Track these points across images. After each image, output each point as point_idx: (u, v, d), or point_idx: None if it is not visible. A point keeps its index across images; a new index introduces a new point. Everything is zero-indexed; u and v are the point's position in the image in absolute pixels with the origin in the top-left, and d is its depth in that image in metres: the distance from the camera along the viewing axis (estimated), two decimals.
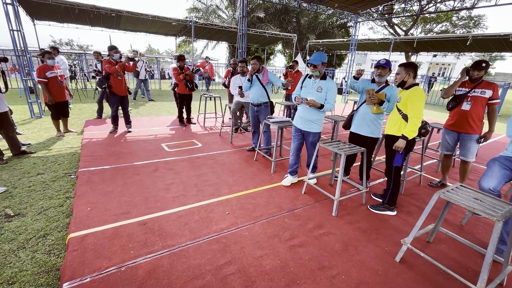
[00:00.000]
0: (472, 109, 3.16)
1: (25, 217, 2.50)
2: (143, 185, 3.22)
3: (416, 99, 2.51)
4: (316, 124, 3.16)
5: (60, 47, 29.15)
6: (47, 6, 9.21)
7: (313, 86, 3.08)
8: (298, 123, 3.25)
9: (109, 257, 2.01)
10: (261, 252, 2.17)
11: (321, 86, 3.03)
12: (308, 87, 3.12)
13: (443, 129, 3.54)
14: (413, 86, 2.62)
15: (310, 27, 21.65)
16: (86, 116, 6.64)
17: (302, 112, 3.19)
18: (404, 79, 2.65)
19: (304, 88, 3.17)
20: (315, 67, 2.96)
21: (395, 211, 2.92)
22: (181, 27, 14.23)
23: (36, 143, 4.50)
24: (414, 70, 2.63)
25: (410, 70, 2.61)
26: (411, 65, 2.64)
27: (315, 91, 3.04)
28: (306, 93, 3.13)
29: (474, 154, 3.30)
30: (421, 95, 2.52)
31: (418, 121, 2.52)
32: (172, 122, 6.51)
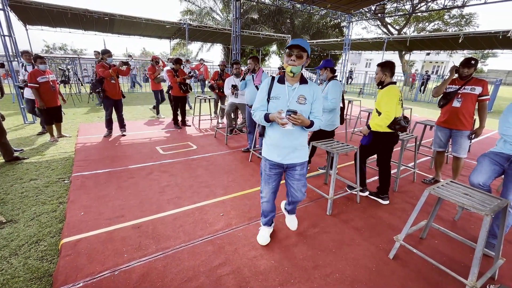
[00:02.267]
0: (462, 106, 3.21)
1: (18, 223, 2.48)
2: (138, 188, 3.21)
3: (387, 97, 2.68)
4: (304, 149, 2.09)
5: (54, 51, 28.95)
6: (39, 10, 9.16)
7: (291, 96, 1.91)
8: (275, 155, 2.03)
9: (102, 262, 2.00)
10: (255, 252, 2.18)
11: (303, 95, 1.90)
12: (283, 98, 1.92)
13: (435, 126, 3.58)
14: (389, 85, 2.76)
15: (304, 27, 21.76)
16: (80, 120, 6.60)
17: (282, 138, 1.96)
18: (382, 79, 2.80)
19: (276, 101, 1.93)
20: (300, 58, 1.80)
21: (387, 201, 3.07)
22: (175, 30, 14.24)
23: (29, 149, 4.46)
24: (391, 70, 2.77)
25: (386, 70, 2.76)
26: (387, 64, 2.77)
27: (296, 103, 1.91)
28: (280, 107, 1.89)
29: (466, 150, 3.34)
30: (392, 93, 2.67)
31: (386, 117, 2.70)
32: (167, 124, 6.50)
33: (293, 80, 1.94)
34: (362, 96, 14.33)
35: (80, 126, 5.97)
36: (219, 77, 6.18)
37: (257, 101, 2.03)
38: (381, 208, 2.98)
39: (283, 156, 2.03)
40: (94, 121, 6.59)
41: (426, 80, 16.28)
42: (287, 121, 1.77)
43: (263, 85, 2.02)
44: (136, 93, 12.37)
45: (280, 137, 1.97)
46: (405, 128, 2.78)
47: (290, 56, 1.82)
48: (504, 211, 1.84)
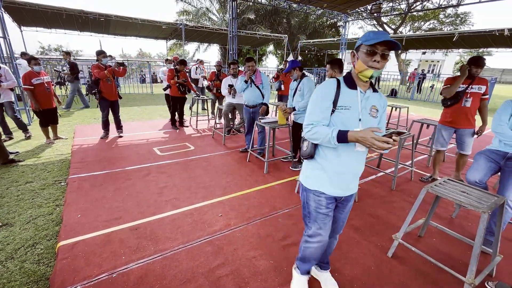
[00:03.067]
0: (472, 105, 3.21)
1: (13, 227, 2.45)
2: (136, 189, 3.19)
3: None
4: None
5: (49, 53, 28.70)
6: (34, 12, 9.09)
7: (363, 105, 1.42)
8: (337, 187, 1.50)
9: (100, 264, 1.99)
10: (254, 252, 2.17)
11: (375, 106, 1.45)
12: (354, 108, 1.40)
13: (439, 125, 3.54)
14: None
15: (300, 27, 21.81)
16: (76, 122, 6.55)
17: (351, 163, 1.46)
18: (332, 75, 3.06)
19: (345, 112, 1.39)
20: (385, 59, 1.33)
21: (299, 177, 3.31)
22: (171, 30, 14.20)
23: (25, 151, 4.41)
24: (339, 66, 3.05)
25: (334, 67, 3.04)
26: (335, 62, 3.05)
27: (369, 116, 1.43)
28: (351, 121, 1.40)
29: (471, 147, 3.37)
30: None
31: None
32: (164, 125, 6.47)
33: (365, 85, 1.42)
34: None
35: (76, 128, 5.92)
36: (216, 78, 6.17)
37: (313, 113, 1.41)
38: (380, 207, 2.99)
39: (346, 187, 1.51)
40: (91, 122, 6.54)
41: (422, 79, 16.37)
42: (389, 145, 1.21)
43: (322, 90, 1.40)
44: (133, 94, 12.30)
45: (349, 162, 1.44)
46: None
47: (372, 56, 1.31)
48: (501, 208, 1.86)
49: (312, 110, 1.44)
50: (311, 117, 1.43)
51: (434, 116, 8.71)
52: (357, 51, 1.39)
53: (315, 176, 1.52)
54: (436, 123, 4.29)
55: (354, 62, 1.42)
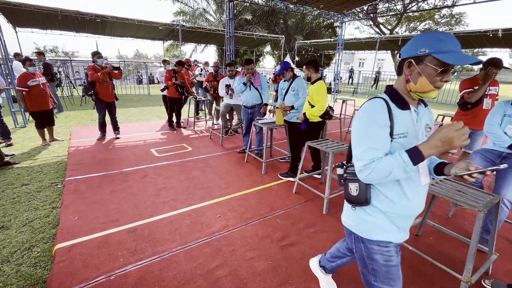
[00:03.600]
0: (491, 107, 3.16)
1: (9, 230, 2.42)
2: (133, 191, 3.17)
3: (319, 91, 3.11)
4: None
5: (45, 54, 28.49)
6: (29, 13, 9.01)
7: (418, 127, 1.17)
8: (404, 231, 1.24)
9: (97, 267, 1.98)
10: (252, 253, 2.17)
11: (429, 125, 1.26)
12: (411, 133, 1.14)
13: None
14: (317, 80, 3.18)
15: (297, 28, 21.85)
16: (72, 123, 6.50)
17: (420, 200, 1.20)
18: (308, 75, 3.25)
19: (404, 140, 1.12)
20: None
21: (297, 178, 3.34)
22: (168, 31, 14.16)
23: (21, 153, 4.37)
24: (313, 67, 3.20)
25: (309, 67, 3.21)
26: (310, 63, 3.22)
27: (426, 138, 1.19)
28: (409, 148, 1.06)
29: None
30: (323, 87, 3.13)
31: (320, 109, 3.13)
32: (161, 126, 6.45)
33: (414, 101, 1.16)
34: (356, 96, 14.45)
35: (73, 130, 5.88)
36: (213, 78, 6.17)
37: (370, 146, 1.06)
38: None
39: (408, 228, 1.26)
40: (87, 124, 6.50)
41: None
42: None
43: (374, 116, 1.08)
44: (130, 95, 12.25)
45: (416, 199, 1.16)
46: (331, 117, 3.36)
47: (443, 74, 1.02)
48: (496, 206, 1.87)
49: (367, 143, 1.07)
50: (368, 153, 1.06)
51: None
52: (419, 62, 1.03)
53: (376, 224, 1.19)
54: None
55: (409, 77, 1.07)
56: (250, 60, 4.14)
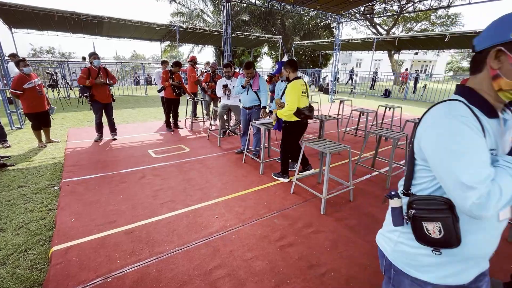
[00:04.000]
0: None
1: (5, 232, 2.40)
2: (130, 192, 3.16)
3: (289, 90, 3.16)
4: None
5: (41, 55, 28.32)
6: (25, 13, 8.96)
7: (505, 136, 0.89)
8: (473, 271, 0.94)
9: (94, 269, 1.96)
10: (250, 254, 2.17)
11: None
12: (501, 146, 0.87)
13: None
14: (293, 80, 3.22)
15: (295, 28, 21.91)
16: (69, 125, 6.47)
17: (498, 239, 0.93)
18: (286, 75, 3.29)
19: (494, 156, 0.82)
20: None
21: (288, 179, 3.56)
22: (165, 32, 14.13)
23: (17, 155, 4.34)
24: (291, 66, 3.23)
25: (287, 67, 3.25)
26: (288, 62, 3.25)
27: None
28: None
29: None
30: (295, 87, 3.15)
31: (288, 108, 3.16)
32: (159, 127, 6.43)
33: (500, 106, 0.88)
34: (354, 96, 14.50)
35: (70, 131, 5.85)
36: (211, 79, 6.16)
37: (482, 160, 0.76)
38: (375, 206, 3.01)
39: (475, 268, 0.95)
40: (84, 125, 6.47)
41: (416, 80, 16.58)
42: None
43: (465, 122, 0.79)
44: (128, 96, 12.21)
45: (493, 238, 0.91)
46: (310, 117, 3.26)
47: None
48: None
49: (473, 157, 0.75)
50: (482, 171, 0.73)
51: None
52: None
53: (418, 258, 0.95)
54: None
55: (499, 71, 0.80)
56: (250, 64, 4.13)
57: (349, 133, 6.21)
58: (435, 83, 14.97)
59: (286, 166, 3.59)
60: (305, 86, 3.29)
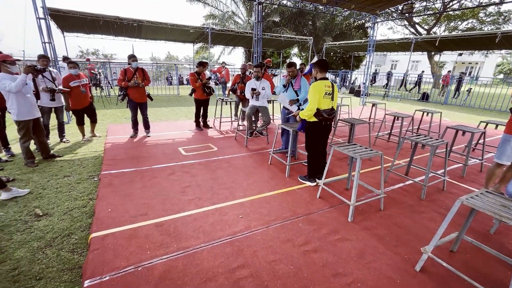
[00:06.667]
0: None
1: (52, 217, 2.66)
2: (161, 187, 3.32)
3: (311, 90, 3.15)
4: None
5: (87, 56, 30.87)
6: (75, 18, 9.84)
7: None
8: None
9: (127, 257, 2.09)
10: (274, 256, 2.16)
11: None
12: None
13: (507, 136, 3.06)
14: (320, 80, 3.17)
15: (326, 29, 21.44)
16: (109, 121, 6.97)
17: None
18: (314, 74, 3.27)
19: None
20: None
21: (314, 183, 3.50)
22: (198, 34, 14.63)
23: (64, 147, 4.78)
24: (319, 66, 3.19)
25: (316, 67, 3.21)
26: (317, 62, 3.22)
27: None
28: None
29: None
30: (317, 87, 3.11)
31: (308, 108, 3.15)
32: (189, 126, 6.67)
33: None
34: (387, 99, 13.79)
35: (109, 127, 6.30)
36: (240, 80, 6.25)
37: None
38: (408, 217, 2.84)
39: None
40: (122, 122, 6.93)
41: (459, 82, 15.27)
42: None
43: None
44: (161, 95, 12.85)
45: None
46: (328, 119, 3.23)
47: None
48: None
49: None
50: None
51: (472, 122, 8.11)
52: None
53: None
54: (475, 130, 3.99)
55: None
56: (292, 63, 4.15)
57: (382, 138, 5.92)
58: (482, 86, 13.63)
59: (313, 169, 3.52)
60: (330, 88, 3.19)
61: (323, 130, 3.36)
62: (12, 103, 3.56)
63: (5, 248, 2.21)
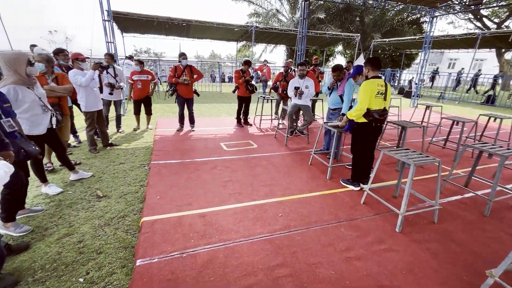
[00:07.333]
0: None
1: (110, 199, 2.96)
2: (204, 180, 3.46)
3: (361, 89, 2.98)
4: None
5: (140, 55, 33.62)
6: (134, 20, 10.77)
7: None
8: None
9: (173, 243, 2.23)
10: (314, 259, 2.11)
11: None
12: None
13: None
14: (371, 78, 3.00)
15: (375, 25, 20.12)
16: (158, 115, 7.50)
17: None
18: (365, 73, 3.11)
19: None
20: None
21: (358, 187, 3.33)
22: (242, 32, 14.90)
23: (119, 137, 5.28)
24: (371, 64, 3.02)
25: (367, 65, 3.06)
26: (369, 60, 3.06)
27: None
28: None
29: None
30: (368, 86, 2.94)
31: (357, 108, 2.99)
32: (230, 122, 6.85)
33: None
34: (443, 102, 12.47)
35: (158, 120, 6.78)
36: (283, 78, 6.21)
37: None
38: (467, 234, 2.53)
39: None
40: (170, 116, 7.41)
41: None
42: None
43: None
44: (205, 92, 13.41)
45: None
46: (379, 120, 3.02)
47: None
48: None
49: None
50: None
51: None
52: None
53: None
54: None
55: None
56: (336, 67, 4.00)
57: (436, 144, 5.37)
58: None
59: (357, 173, 3.35)
60: (383, 87, 2.99)
61: (372, 132, 3.16)
62: (81, 96, 4.04)
63: (73, 222, 2.52)
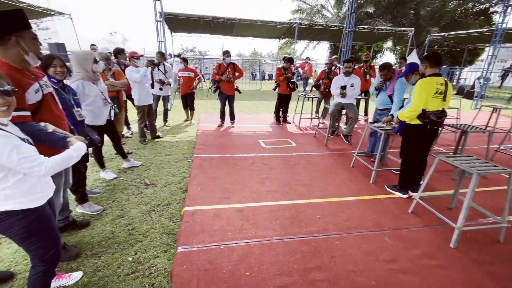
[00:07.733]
0: None
1: (156, 187, 3.18)
2: (242, 175, 3.52)
3: (417, 87, 2.72)
4: None
5: (186, 53, 35.48)
6: (182, 20, 11.39)
7: None
8: None
9: (211, 234, 2.31)
10: (353, 267, 2.00)
11: None
12: None
13: None
14: (429, 76, 2.72)
15: (432, 18, 18.22)
16: (200, 110, 7.84)
17: None
18: (422, 70, 2.84)
19: None
20: None
21: (406, 195, 3.07)
22: (285, 30, 14.72)
23: (166, 130, 5.65)
24: (428, 60, 2.75)
25: (424, 61, 2.79)
26: (425, 57, 2.80)
27: None
28: None
29: None
30: (424, 85, 2.67)
31: (410, 108, 2.73)
32: (269, 120, 6.85)
33: None
34: None
35: (201, 116, 7.09)
36: (326, 76, 5.99)
37: None
38: None
39: None
40: (212, 112, 7.69)
41: None
42: None
43: None
44: (245, 89, 13.63)
45: None
46: (437, 123, 2.74)
47: None
48: None
49: None
50: None
51: None
52: None
53: None
54: None
55: None
56: (385, 66, 3.74)
57: (503, 152, 4.68)
58: None
59: (406, 179, 3.08)
60: (443, 86, 2.69)
61: (427, 135, 2.87)
62: (135, 91, 4.40)
63: (124, 206, 2.77)
